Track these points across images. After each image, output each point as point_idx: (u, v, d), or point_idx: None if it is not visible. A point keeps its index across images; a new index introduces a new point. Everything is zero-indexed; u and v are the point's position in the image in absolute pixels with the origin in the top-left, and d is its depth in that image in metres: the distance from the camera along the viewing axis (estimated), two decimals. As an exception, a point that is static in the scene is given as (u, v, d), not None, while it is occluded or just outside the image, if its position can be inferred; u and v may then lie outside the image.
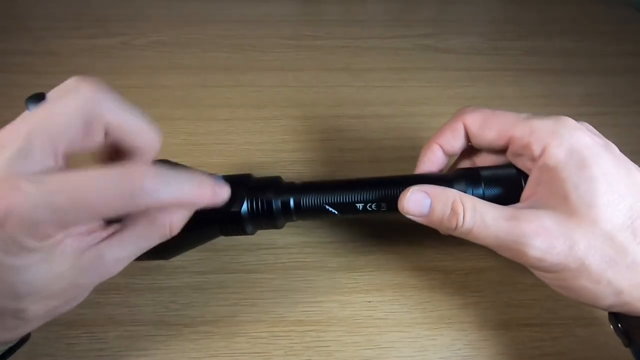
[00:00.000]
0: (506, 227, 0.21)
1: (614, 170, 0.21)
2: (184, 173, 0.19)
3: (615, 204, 0.20)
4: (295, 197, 0.26)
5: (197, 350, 0.27)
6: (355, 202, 0.25)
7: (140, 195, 0.17)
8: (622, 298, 0.21)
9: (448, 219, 0.22)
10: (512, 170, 0.25)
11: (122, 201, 0.17)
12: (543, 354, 0.27)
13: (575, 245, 0.20)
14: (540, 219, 0.21)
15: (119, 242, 0.20)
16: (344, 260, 0.32)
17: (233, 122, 0.42)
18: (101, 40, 0.52)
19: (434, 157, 0.26)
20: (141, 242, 0.21)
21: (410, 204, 0.23)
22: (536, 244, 0.20)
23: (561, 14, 0.62)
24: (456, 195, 0.22)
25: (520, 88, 0.48)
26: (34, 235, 0.16)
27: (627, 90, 0.48)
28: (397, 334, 0.28)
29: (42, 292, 0.18)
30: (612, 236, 0.20)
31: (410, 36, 0.56)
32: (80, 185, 0.17)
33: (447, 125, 0.25)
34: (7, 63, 0.47)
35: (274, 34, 0.55)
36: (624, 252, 0.20)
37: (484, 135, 0.24)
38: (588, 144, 0.21)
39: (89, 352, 0.27)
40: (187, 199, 0.19)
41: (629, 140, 0.41)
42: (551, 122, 0.22)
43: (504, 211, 0.22)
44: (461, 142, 0.25)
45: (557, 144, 0.21)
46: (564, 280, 0.21)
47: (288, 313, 0.29)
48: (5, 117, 0.18)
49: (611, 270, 0.20)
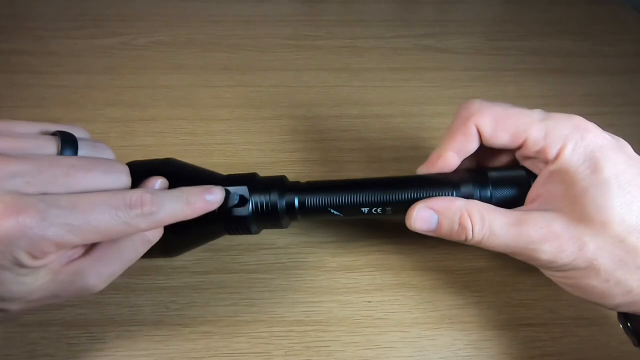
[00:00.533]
0: (515, 235, 0.21)
1: (626, 171, 0.21)
2: (175, 193, 0.21)
3: (628, 206, 0.20)
4: (300, 198, 0.26)
5: (196, 350, 0.27)
6: (361, 206, 0.25)
7: (141, 219, 0.19)
8: (631, 297, 0.21)
9: (457, 233, 0.23)
10: (522, 171, 0.24)
11: (125, 224, 0.19)
12: (543, 354, 0.27)
13: (584, 246, 0.20)
14: (548, 224, 0.21)
15: (98, 258, 0.20)
16: (344, 260, 0.32)
17: (233, 122, 0.42)
18: (101, 40, 0.52)
19: (447, 165, 0.25)
20: (123, 255, 0.21)
21: (418, 221, 0.23)
22: (546, 249, 0.21)
23: (561, 14, 0.62)
24: (462, 208, 0.22)
25: (520, 88, 0.48)
26: (34, 254, 0.17)
27: (627, 90, 0.48)
28: (397, 334, 0.28)
29: (23, 299, 0.19)
30: (623, 238, 0.20)
31: (410, 36, 0.56)
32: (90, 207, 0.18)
33: (459, 129, 0.24)
34: (7, 63, 0.47)
35: (274, 34, 0.55)
36: (635, 253, 0.20)
37: (498, 138, 0.23)
38: (600, 145, 0.21)
39: (89, 352, 0.27)
40: (181, 215, 0.21)
41: (629, 141, 0.41)
42: (565, 124, 0.22)
43: (511, 216, 0.22)
44: (475, 145, 0.24)
45: (571, 148, 0.21)
46: (573, 279, 0.21)
47: (288, 313, 0.29)
48: (5, 117, 0.18)
49: (620, 271, 0.20)
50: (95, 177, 0.20)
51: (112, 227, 0.19)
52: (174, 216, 0.21)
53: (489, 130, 0.23)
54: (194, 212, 0.22)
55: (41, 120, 0.22)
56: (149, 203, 0.19)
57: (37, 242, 0.17)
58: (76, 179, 0.19)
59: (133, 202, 0.19)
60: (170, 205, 0.20)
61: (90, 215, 0.18)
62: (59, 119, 0.20)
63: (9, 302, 0.19)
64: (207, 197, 0.22)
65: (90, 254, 0.20)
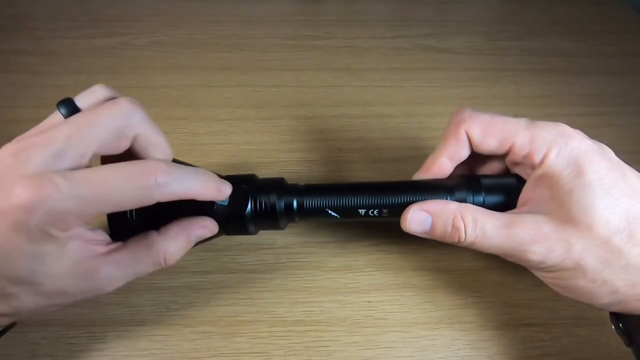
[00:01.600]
0: (506, 236, 0.22)
1: (609, 175, 0.21)
2: (192, 169, 0.22)
3: (611, 208, 0.21)
4: (299, 200, 0.26)
5: (197, 350, 0.27)
6: (358, 208, 0.26)
7: (155, 187, 0.20)
8: (617, 297, 0.21)
9: (450, 234, 0.23)
10: (513, 179, 0.25)
11: (139, 192, 0.20)
12: (543, 354, 0.27)
13: (571, 247, 0.21)
14: (538, 226, 0.22)
15: (115, 260, 0.21)
16: (344, 260, 0.32)
17: (233, 122, 0.42)
18: (101, 40, 0.52)
19: (441, 171, 0.26)
20: (136, 265, 0.22)
21: (412, 223, 0.24)
22: (535, 250, 0.21)
23: (561, 13, 0.62)
24: (456, 210, 0.23)
25: (520, 88, 0.48)
26: (57, 225, 0.18)
27: (626, 90, 0.48)
28: (397, 334, 0.28)
29: (37, 285, 0.19)
30: (608, 239, 0.21)
31: (410, 36, 0.56)
32: (104, 178, 0.19)
33: (451, 135, 0.25)
34: (7, 63, 0.47)
35: (274, 34, 0.55)
36: (619, 254, 0.21)
37: (486, 144, 0.24)
38: (584, 150, 0.22)
39: (89, 352, 0.27)
40: (194, 192, 0.21)
41: (628, 141, 0.42)
42: (549, 131, 0.23)
43: (502, 219, 0.22)
44: (467, 151, 0.25)
45: (555, 153, 0.22)
46: (562, 279, 0.22)
47: (288, 313, 0.29)
48: (5, 117, 0.19)
49: (606, 271, 0.21)
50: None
51: (127, 195, 0.19)
52: (187, 191, 0.21)
53: (478, 136, 0.24)
54: (206, 193, 0.22)
55: (41, 120, 0.22)
56: (164, 173, 0.20)
57: (58, 212, 0.18)
58: (81, 134, 0.20)
59: (147, 170, 0.20)
60: (185, 180, 0.21)
61: (106, 184, 0.19)
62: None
63: (24, 287, 0.19)
64: (221, 186, 0.23)
65: (109, 255, 0.21)
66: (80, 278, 0.20)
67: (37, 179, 0.18)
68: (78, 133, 0.20)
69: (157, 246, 0.22)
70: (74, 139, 0.20)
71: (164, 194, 0.20)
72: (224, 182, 0.24)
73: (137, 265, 0.22)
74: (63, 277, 0.20)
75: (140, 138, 0.22)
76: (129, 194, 0.19)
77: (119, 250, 0.22)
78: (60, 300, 0.21)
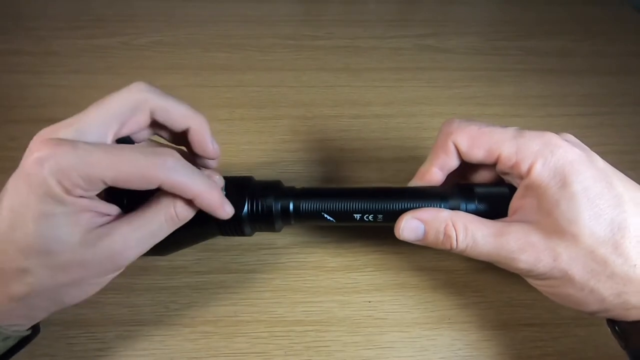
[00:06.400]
0: (496, 245, 0.22)
1: (594, 185, 0.21)
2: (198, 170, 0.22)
3: (596, 219, 0.21)
4: (295, 202, 0.26)
5: (197, 350, 0.27)
6: (353, 212, 0.26)
7: (161, 166, 0.20)
8: (605, 305, 0.22)
9: (442, 242, 0.24)
10: (505, 188, 0.25)
11: (145, 166, 0.20)
12: (543, 354, 0.27)
13: (558, 257, 0.21)
14: (526, 235, 0.22)
15: (127, 222, 0.21)
16: (344, 260, 0.32)
17: (233, 122, 0.42)
18: (101, 40, 0.52)
19: (433, 179, 0.27)
20: (150, 223, 0.22)
21: (405, 231, 0.24)
22: (523, 258, 0.22)
23: (560, 14, 0.62)
24: (448, 218, 0.23)
25: (520, 88, 0.48)
26: (63, 185, 0.19)
27: (626, 90, 0.48)
28: (397, 334, 0.28)
29: (51, 256, 0.20)
30: (593, 250, 0.21)
31: (410, 36, 0.56)
32: (116, 148, 0.20)
33: (439, 147, 0.26)
34: (7, 63, 0.47)
35: (274, 34, 0.55)
36: (604, 264, 0.21)
37: (473, 154, 0.25)
38: (570, 160, 0.22)
39: (89, 352, 0.27)
40: (197, 190, 0.22)
41: (627, 141, 0.41)
42: (535, 141, 0.23)
43: (493, 227, 0.23)
44: (456, 161, 0.26)
45: (541, 164, 0.22)
46: (552, 287, 0.23)
47: (288, 313, 0.29)
48: (5, 117, 0.19)
49: (593, 280, 0.21)
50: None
51: (133, 166, 0.20)
52: (190, 186, 0.21)
53: (465, 147, 0.25)
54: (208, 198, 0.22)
55: (41, 120, 0.22)
56: (176, 158, 0.21)
57: (64, 167, 0.19)
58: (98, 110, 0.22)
59: (161, 151, 0.21)
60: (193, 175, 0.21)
61: (115, 152, 0.20)
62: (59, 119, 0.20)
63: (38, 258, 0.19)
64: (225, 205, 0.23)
65: (118, 219, 0.22)
66: (94, 245, 0.20)
67: (54, 140, 0.19)
68: (95, 109, 0.21)
69: (167, 200, 0.22)
70: (92, 115, 0.21)
71: (168, 177, 0.20)
72: (229, 202, 0.24)
73: (151, 223, 0.22)
74: (75, 246, 0.20)
75: (159, 111, 0.23)
76: (137, 164, 0.20)
77: (130, 213, 0.22)
78: (77, 273, 0.20)
